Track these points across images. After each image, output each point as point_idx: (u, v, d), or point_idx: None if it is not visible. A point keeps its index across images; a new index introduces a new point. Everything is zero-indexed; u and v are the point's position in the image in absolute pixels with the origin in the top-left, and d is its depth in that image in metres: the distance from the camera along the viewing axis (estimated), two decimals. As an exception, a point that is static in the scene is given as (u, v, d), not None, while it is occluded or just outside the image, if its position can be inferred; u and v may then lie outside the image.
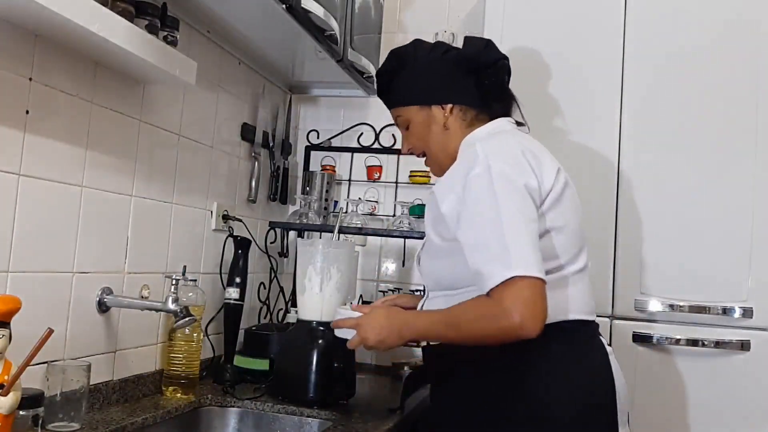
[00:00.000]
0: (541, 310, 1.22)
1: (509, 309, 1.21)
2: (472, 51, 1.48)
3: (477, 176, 1.31)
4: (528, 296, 1.22)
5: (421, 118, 1.51)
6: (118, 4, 1.35)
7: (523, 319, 1.21)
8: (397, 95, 1.55)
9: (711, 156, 1.92)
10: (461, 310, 1.30)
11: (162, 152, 1.73)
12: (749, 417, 1.83)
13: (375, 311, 1.45)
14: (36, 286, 1.35)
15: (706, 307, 1.87)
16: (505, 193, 1.28)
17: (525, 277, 1.22)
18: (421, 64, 1.51)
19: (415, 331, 1.38)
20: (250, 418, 1.71)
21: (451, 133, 1.49)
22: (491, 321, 1.24)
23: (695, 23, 1.96)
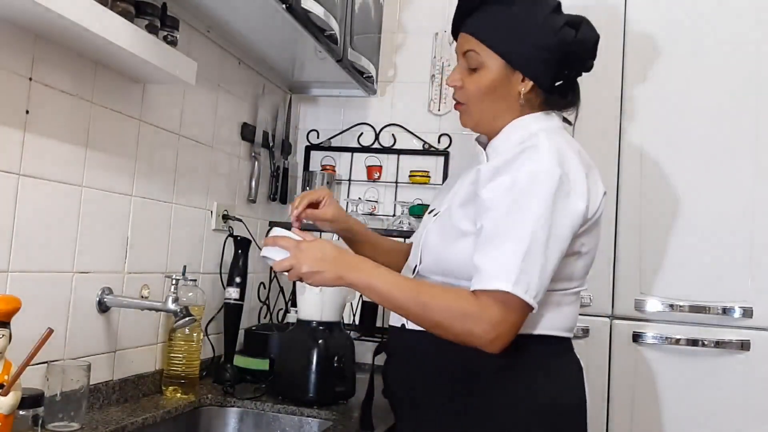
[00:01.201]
0: (515, 334, 1.19)
1: (490, 320, 1.16)
2: (588, 42, 1.32)
3: (534, 175, 1.20)
4: (512, 320, 1.17)
5: (497, 74, 1.32)
6: (118, 4, 1.34)
7: (496, 339, 1.16)
8: (487, 28, 1.32)
9: (711, 156, 1.92)
10: (436, 292, 1.22)
11: (162, 152, 1.73)
12: (749, 417, 1.83)
13: (321, 242, 1.27)
14: (36, 286, 1.35)
15: (706, 307, 1.87)
16: (552, 208, 1.19)
17: (521, 300, 1.16)
18: (537, 18, 1.30)
19: (365, 280, 1.23)
20: (250, 418, 1.71)
21: (513, 108, 1.34)
22: (465, 320, 1.17)
23: (696, 23, 1.96)
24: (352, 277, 1.24)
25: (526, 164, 1.23)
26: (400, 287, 1.22)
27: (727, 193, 1.89)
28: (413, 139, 2.46)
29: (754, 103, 1.90)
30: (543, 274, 1.18)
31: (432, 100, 2.45)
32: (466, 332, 1.18)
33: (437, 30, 2.46)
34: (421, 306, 1.20)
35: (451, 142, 2.41)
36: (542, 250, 1.18)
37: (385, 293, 1.22)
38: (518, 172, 1.22)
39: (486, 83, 1.33)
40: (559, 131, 1.35)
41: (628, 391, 1.90)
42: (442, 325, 1.20)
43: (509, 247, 1.18)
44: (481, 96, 1.34)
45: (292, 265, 1.25)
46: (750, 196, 1.88)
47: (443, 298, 1.21)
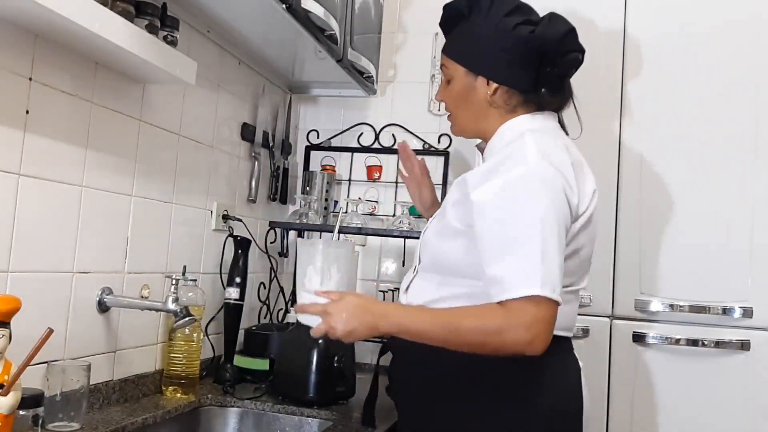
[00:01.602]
0: (551, 332, 1.20)
1: (522, 325, 1.17)
2: (550, 35, 1.32)
3: (524, 176, 1.23)
4: (546, 318, 1.18)
5: (463, 83, 1.39)
6: (118, 4, 1.34)
7: (534, 339, 1.17)
8: (452, 44, 1.42)
9: (711, 156, 1.92)
10: (463, 314, 1.23)
11: (162, 152, 1.73)
12: (749, 417, 1.83)
13: (346, 297, 1.31)
14: (36, 286, 1.35)
15: (706, 307, 1.87)
16: (550, 205, 1.21)
17: (548, 299, 1.18)
18: (490, 24, 1.35)
19: (396, 324, 1.26)
20: (250, 418, 1.71)
21: (489, 112, 1.38)
22: (498, 334, 1.18)
23: (696, 22, 1.96)
24: (382, 325, 1.26)
25: (514, 167, 1.25)
26: (430, 321, 1.24)
27: (726, 193, 1.89)
28: (413, 139, 2.46)
29: (754, 103, 1.90)
30: (560, 270, 1.20)
31: (432, 100, 2.45)
32: (503, 345, 1.19)
33: (437, 30, 2.43)
34: (454, 333, 1.22)
35: (451, 142, 2.41)
36: (555, 247, 1.20)
37: (418, 331, 1.25)
38: (508, 175, 1.24)
39: (456, 91, 1.41)
40: (548, 130, 1.36)
41: (628, 391, 1.90)
42: (479, 345, 1.21)
43: (525, 252, 1.19)
44: (455, 104, 1.43)
45: (326, 330, 1.29)
46: (750, 196, 1.88)
47: (472, 320, 1.22)
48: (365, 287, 2.42)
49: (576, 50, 1.36)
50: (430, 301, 1.36)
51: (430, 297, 1.36)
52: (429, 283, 1.38)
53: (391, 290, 2.34)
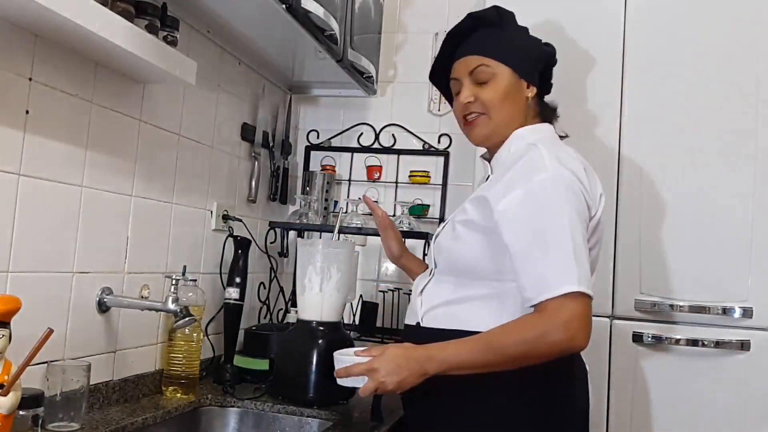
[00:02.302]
0: (590, 325, 1.25)
1: (561, 324, 1.22)
2: (553, 55, 1.52)
3: (546, 181, 1.29)
4: (584, 312, 1.24)
5: (509, 82, 1.45)
6: (118, 4, 1.35)
7: (575, 334, 1.23)
8: (489, 45, 1.46)
9: (711, 155, 1.91)
10: (502, 332, 1.27)
11: (162, 152, 1.73)
12: (749, 417, 1.83)
13: (388, 350, 1.32)
14: (36, 286, 1.35)
15: (706, 307, 1.87)
16: (573, 207, 1.29)
17: (585, 295, 1.24)
18: (523, 36, 1.50)
19: (442, 363, 1.28)
20: (250, 418, 1.71)
21: (520, 115, 1.46)
22: (542, 339, 1.23)
23: (696, 21, 1.96)
24: (430, 368, 1.28)
25: (535, 174, 1.31)
26: (473, 349, 1.27)
27: (727, 193, 1.89)
28: (413, 139, 2.46)
29: (754, 103, 1.90)
30: (589, 267, 1.28)
31: (432, 100, 2.45)
32: (548, 349, 1.24)
33: (437, 30, 2.46)
34: (500, 353, 1.26)
35: (451, 142, 2.41)
36: (582, 245, 1.27)
37: (465, 363, 1.28)
38: (530, 183, 1.30)
39: (503, 88, 1.44)
40: (554, 139, 1.46)
41: (628, 391, 1.90)
42: (525, 356, 1.25)
43: (559, 252, 1.26)
44: (500, 101, 1.45)
45: (377, 387, 1.30)
46: (750, 196, 1.88)
47: (513, 334, 1.26)
48: (365, 287, 2.42)
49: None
50: (446, 302, 1.40)
51: (446, 298, 1.41)
52: (445, 285, 1.42)
53: (390, 290, 2.34)
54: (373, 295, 2.41)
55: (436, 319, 1.41)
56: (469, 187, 2.23)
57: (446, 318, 1.40)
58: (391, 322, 2.34)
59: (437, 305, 1.42)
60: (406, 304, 2.32)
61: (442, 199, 2.40)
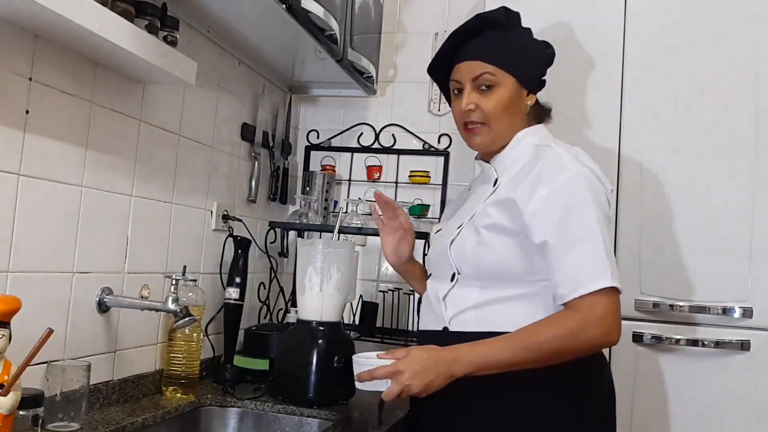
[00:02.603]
0: (620, 320, 1.29)
1: (596, 320, 1.25)
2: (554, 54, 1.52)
3: (571, 181, 1.32)
4: (615, 308, 1.27)
5: (513, 92, 1.45)
6: (118, 4, 1.34)
7: (609, 330, 1.26)
8: (496, 53, 1.44)
9: (711, 155, 1.91)
10: (535, 329, 1.28)
11: (162, 152, 1.73)
12: (749, 417, 1.83)
13: (412, 352, 1.30)
14: (36, 286, 1.35)
15: (706, 307, 1.87)
16: (598, 205, 1.32)
17: (617, 290, 1.28)
18: (529, 41, 1.50)
19: (471, 364, 1.27)
20: (250, 418, 1.71)
21: (520, 122, 1.48)
22: (578, 335, 1.26)
23: (696, 21, 1.96)
24: (458, 369, 1.27)
25: (558, 174, 1.33)
26: (505, 348, 1.27)
27: (727, 192, 1.89)
28: (413, 139, 2.46)
29: (755, 103, 1.90)
30: (614, 261, 1.30)
31: (432, 100, 2.45)
32: (584, 344, 1.27)
33: (437, 30, 2.46)
34: (535, 350, 1.26)
35: (451, 142, 2.41)
36: (609, 241, 1.31)
37: (497, 362, 1.27)
38: (554, 182, 1.32)
39: (505, 99, 1.44)
40: (555, 138, 1.47)
41: (628, 391, 1.90)
42: (559, 353, 1.27)
43: (591, 249, 1.29)
44: (501, 111, 1.45)
45: (402, 390, 1.27)
46: (750, 195, 1.88)
47: (547, 331, 1.27)
48: (365, 287, 2.42)
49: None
50: (474, 306, 1.39)
51: (474, 301, 1.39)
52: (471, 288, 1.40)
53: (390, 290, 2.34)
54: (373, 295, 2.41)
55: (466, 323, 1.39)
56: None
57: (477, 321, 1.38)
58: (391, 322, 2.34)
59: (465, 309, 1.40)
60: (406, 304, 2.33)
61: (442, 199, 2.40)
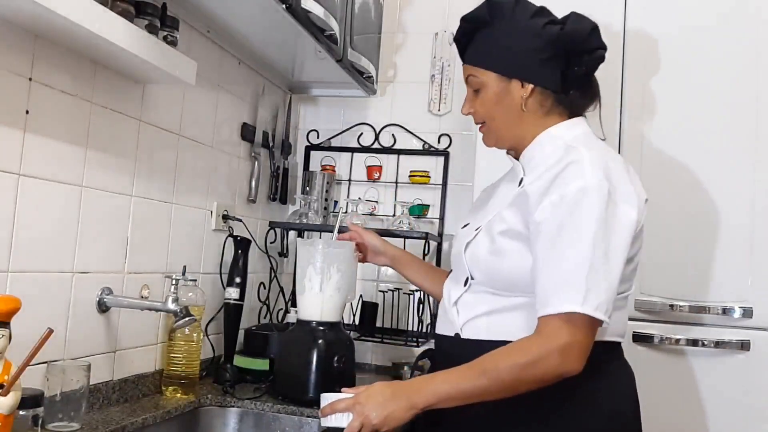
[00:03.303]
0: (587, 352, 1.20)
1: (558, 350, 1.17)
2: (578, 32, 1.33)
3: (580, 192, 1.21)
4: (583, 340, 1.18)
5: (496, 88, 1.37)
6: (118, 4, 1.34)
7: (567, 362, 1.18)
8: (477, 52, 1.39)
9: (711, 154, 1.92)
10: (499, 354, 1.22)
11: (162, 152, 1.73)
12: (749, 417, 1.83)
13: (374, 386, 1.27)
14: (36, 286, 1.35)
15: (706, 307, 1.87)
16: (606, 220, 1.20)
17: (590, 318, 1.18)
18: (517, 27, 1.35)
19: (432, 394, 1.23)
20: (250, 418, 1.71)
21: (525, 116, 1.37)
22: (536, 366, 1.18)
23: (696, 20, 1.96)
24: (418, 400, 1.23)
25: (572, 181, 1.23)
26: (465, 377, 1.22)
27: (726, 192, 1.89)
28: (413, 139, 2.46)
29: (755, 101, 1.90)
30: (609, 288, 1.19)
31: (432, 100, 2.45)
32: (541, 375, 1.19)
33: (437, 30, 2.46)
34: (494, 379, 1.20)
35: (451, 142, 2.41)
36: (603, 264, 1.18)
37: (457, 392, 1.22)
38: (566, 189, 1.23)
39: (490, 98, 1.38)
40: (593, 139, 1.36)
41: (628, 391, 1.90)
42: (518, 382, 1.20)
43: (570, 267, 1.18)
44: (490, 112, 1.40)
45: (362, 423, 1.24)
46: (750, 195, 1.88)
47: (508, 359, 1.21)
48: (365, 287, 2.42)
49: (601, 47, 1.37)
50: (487, 312, 1.34)
51: (487, 308, 1.35)
52: (483, 295, 1.35)
53: (390, 290, 2.34)
54: (373, 295, 2.41)
55: (478, 331, 1.34)
56: (469, 187, 2.22)
57: (488, 329, 1.33)
58: (391, 322, 2.34)
59: (478, 315, 1.35)
60: (406, 304, 2.33)
61: (442, 199, 2.40)
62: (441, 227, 2.39)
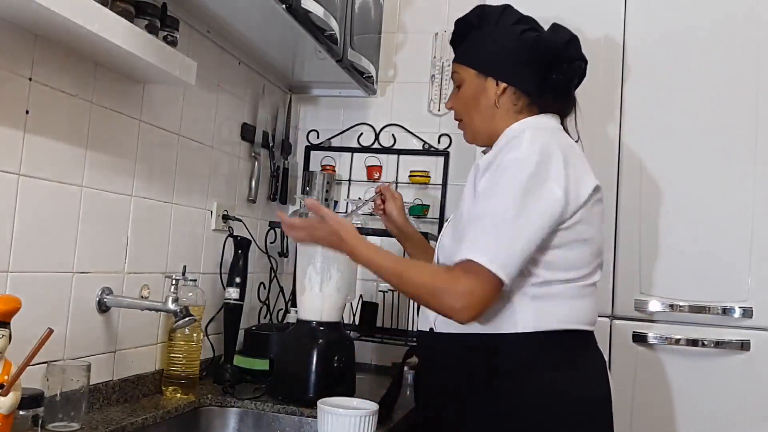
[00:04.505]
0: (485, 306, 1.26)
1: (458, 292, 1.24)
2: (555, 41, 1.42)
3: (513, 161, 1.30)
4: (484, 293, 1.25)
5: (474, 85, 1.47)
6: (118, 4, 1.34)
7: (464, 308, 1.25)
8: (462, 51, 1.50)
9: (711, 155, 1.92)
10: (414, 268, 1.35)
11: (162, 152, 1.73)
12: (749, 417, 1.83)
13: (337, 227, 1.42)
14: (36, 286, 1.35)
15: (706, 307, 1.87)
16: (530, 190, 1.27)
17: (492, 274, 1.23)
18: (498, 31, 1.45)
19: (354, 249, 1.40)
20: (250, 418, 1.71)
21: (497, 113, 1.45)
22: (435, 295, 1.28)
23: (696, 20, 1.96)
24: (343, 247, 1.40)
25: (509, 153, 1.32)
26: (384, 267, 1.36)
27: (727, 193, 1.89)
28: (413, 139, 2.46)
29: (754, 103, 1.90)
30: (511, 249, 1.25)
31: (432, 100, 2.45)
32: (437, 305, 1.29)
33: (437, 30, 2.46)
34: (403, 284, 1.34)
35: (451, 142, 2.41)
36: (511, 226, 1.26)
37: (377, 270, 1.37)
38: (503, 158, 1.32)
39: (467, 94, 1.48)
40: (549, 129, 1.42)
41: (628, 391, 1.90)
42: (418, 298, 1.35)
43: (482, 224, 1.28)
44: (466, 107, 1.49)
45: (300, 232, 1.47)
46: (750, 195, 1.88)
47: (418, 276, 1.32)
48: (365, 287, 2.42)
49: (579, 59, 1.45)
50: None
51: None
52: None
53: (390, 290, 2.33)
54: (373, 295, 2.41)
55: (449, 324, 1.36)
56: (469, 187, 2.22)
57: None
58: (391, 322, 2.34)
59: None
60: (406, 304, 2.33)
61: (442, 199, 2.40)
62: (441, 227, 2.39)
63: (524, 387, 1.32)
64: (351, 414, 1.42)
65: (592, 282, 1.40)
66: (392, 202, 1.74)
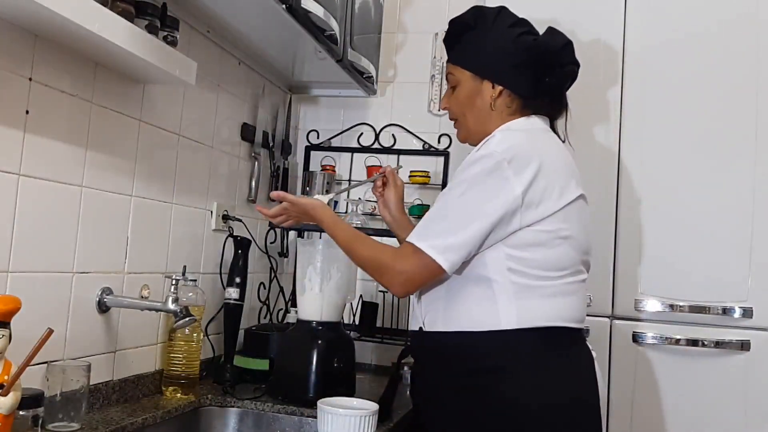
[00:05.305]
0: (419, 287, 1.39)
1: (399, 270, 1.34)
2: (550, 45, 1.43)
3: (479, 157, 1.35)
4: (422, 275, 1.34)
5: (469, 87, 1.48)
6: (118, 4, 1.34)
7: (401, 285, 1.36)
8: (457, 53, 1.51)
9: (711, 155, 1.92)
10: (365, 244, 1.44)
11: (162, 152, 1.73)
12: (749, 417, 1.83)
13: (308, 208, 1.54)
14: (36, 286, 1.35)
15: (706, 307, 1.87)
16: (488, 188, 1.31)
17: (431, 259, 1.31)
18: (494, 34, 1.46)
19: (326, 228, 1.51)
20: (250, 418, 1.71)
21: (493, 114, 1.47)
22: (380, 270, 1.38)
23: (696, 20, 1.96)
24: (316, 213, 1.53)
25: (478, 151, 1.38)
26: (343, 238, 1.47)
27: (726, 193, 1.90)
28: (413, 139, 2.46)
29: (753, 104, 1.90)
30: (453, 237, 1.31)
31: (432, 100, 2.45)
32: (379, 279, 1.40)
33: (437, 30, 2.46)
34: (355, 255, 1.45)
35: (451, 142, 2.41)
36: (459, 216, 1.32)
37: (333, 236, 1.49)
38: (470, 156, 1.38)
39: (462, 95, 1.49)
40: (534, 130, 1.44)
41: (628, 391, 1.90)
42: (366, 269, 1.44)
43: (432, 212, 1.38)
44: (461, 108, 1.50)
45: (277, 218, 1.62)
46: (750, 196, 1.88)
47: (367, 248, 1.43)
48: (365, 287, 2.42)
49: (573, 63, 1.47)
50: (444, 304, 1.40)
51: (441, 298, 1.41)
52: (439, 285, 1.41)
53: (391, 290, 2.33)
54: (373, 295, 2.41)
55: (436, 323, 1.41)
56: (469, 187, 2.22)
57: (445, 320, 1.40)
58: (391, 322, 2.34)
59: (435, 308, 1.42)
60: (406, 304, 2.33)
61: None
62: (441, 227, 2.39)
63: (506, 385, 1.33)
64: (351, 414, 1.43)
65: (578, 279, 1.41)
66: (393, 188, 1.72)
